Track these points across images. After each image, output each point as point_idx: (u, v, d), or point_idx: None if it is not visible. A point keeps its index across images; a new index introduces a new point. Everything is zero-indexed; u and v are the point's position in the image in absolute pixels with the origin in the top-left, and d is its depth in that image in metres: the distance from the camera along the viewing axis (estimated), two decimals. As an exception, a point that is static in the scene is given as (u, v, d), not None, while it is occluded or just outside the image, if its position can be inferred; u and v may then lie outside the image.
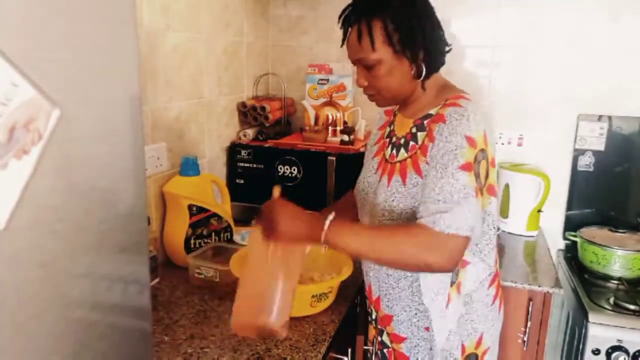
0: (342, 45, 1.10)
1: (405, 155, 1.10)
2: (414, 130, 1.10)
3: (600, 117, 1.91)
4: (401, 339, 1.17)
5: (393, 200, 1.08)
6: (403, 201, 1.06)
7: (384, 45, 1.03)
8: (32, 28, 0.52)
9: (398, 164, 1.11)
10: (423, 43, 1.04)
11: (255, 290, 1.03)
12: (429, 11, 1.07)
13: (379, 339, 1.23)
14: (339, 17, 1.09)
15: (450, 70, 1.19)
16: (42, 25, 0.53)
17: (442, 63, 1.11)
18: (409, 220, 1.05)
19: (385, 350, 1.22)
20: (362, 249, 0.98)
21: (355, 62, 1.09)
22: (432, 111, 1.08)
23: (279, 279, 1.00)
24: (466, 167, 0.97)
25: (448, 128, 1.00)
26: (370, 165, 1.21)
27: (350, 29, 1.07)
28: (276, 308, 1.00)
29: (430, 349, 1.14)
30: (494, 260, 1.13)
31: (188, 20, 1.60)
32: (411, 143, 1.10)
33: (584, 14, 1.88)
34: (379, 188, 1.13)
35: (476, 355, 1.15)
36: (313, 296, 1.22)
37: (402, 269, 1.09)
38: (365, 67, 1.07)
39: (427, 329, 1.14)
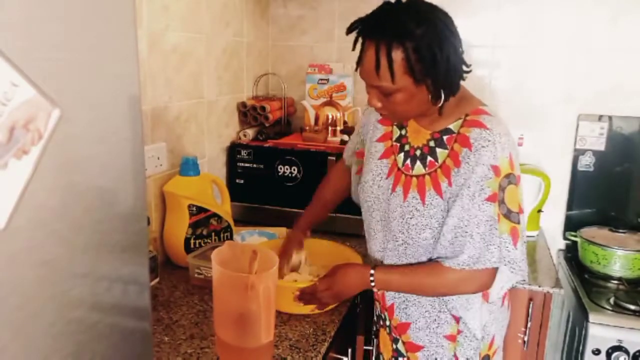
0: (356, 70, 1.03)
1: (423, 170, 1.08)
2: (432, 144, 1.08)
3: (600, 117, 1.91)
4: (418, 348, 1.16)
5: (411, 218, 1.08)
6: (421, 220, 1.07)
7: (404, 75, 0.96)
8: (32, 28, 0.52)
9: (415, 179, 1.08)
10: (446, 70, 0.97)
11: (235, 317, 1.00)
12: (452, 32, 0.98)
13: (394, 346, 1.22)
14: (349, 29, 1.01)
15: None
16: (42, 25, 0.53)
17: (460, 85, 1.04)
18: (426, 240, 1.08)
19: (400, 359, 1.21)
20: (405, 291, 1.15)
21: (370, 86, 1.03)
22: (452, 126, 1.05)
23: (257, 303, 0.97)
24: (492, 198, 1.00)
25: (475, 157, 1.00)
26: (379, 167, 1.16)
27: (365, 49, 0.99)
28: (263, 329, 0.98)
29: (454, 355, 1.13)
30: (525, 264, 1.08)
31: (188, 20, 1.60)
32: (429, 158, 1.07)
33: (584, 14, 1.88)
34: (392, 198, 1.11)
35: (488, 356, 1.16)
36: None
37: None
38: (381, 92, 1.01)
39: (446, 337, 1.14)
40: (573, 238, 1.86)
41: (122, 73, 0.66)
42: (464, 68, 1.02)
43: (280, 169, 1.83)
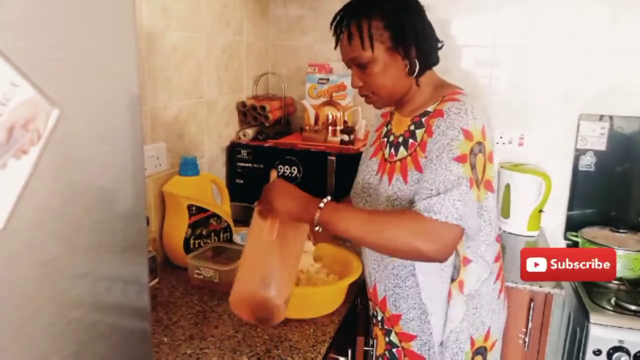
0: (335, 48, 1.11)
1: (405, 153, 1.10)
2: (412, 127, 1.11)
3: (601, 117, 1.91)
4: (411, 337, 1.16)
5: (395, 199, 1.08)
6: (405, 198, 1.07)
7: (375, 43, 1.03)
8: (32, 28, 0.52)
9: (398, 163, 1.10)
10: (414, 39, 1.05)
11: (255, 266, 1.06)
12: (419, 10, 1.08)
13: (387, 339, 1.22)
14: (331, 24, 1.09)
15: (450, 70, 1.19)
16: (42, 25, 0.53)
17: (436, 61, 1.11)
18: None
19: (394, 350, 1.21)
20: (354, 230, 0.97)
21: (348, 62, 1.10)
22: (430, 108, 1.09)
23: (277, 255, 1.03)
24: (461, 159, 0.97)
25: (446, 122, 1.02)
26: (369, 166, 1.20)
27: (342, 33, 1.07)
28: (275, 282, 1.02)
29: (441, 344, 1.13)
30: (493, 257, 1.12)
31: (188, 20, 1.60)
32: (410, 141, 1.10)
33: (584, 14, 1.88)
34: (380, 188, 1.13)
35: (485, 348, 1.16)
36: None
37: (396, 256, 1.08)
38: (358, 66, 1.08)
39: None
40: (574, 238, 1.86)
41: (122, 73, 0.66)
42: (437, 44, 1.10)
43: (280, 169, 1.82)
